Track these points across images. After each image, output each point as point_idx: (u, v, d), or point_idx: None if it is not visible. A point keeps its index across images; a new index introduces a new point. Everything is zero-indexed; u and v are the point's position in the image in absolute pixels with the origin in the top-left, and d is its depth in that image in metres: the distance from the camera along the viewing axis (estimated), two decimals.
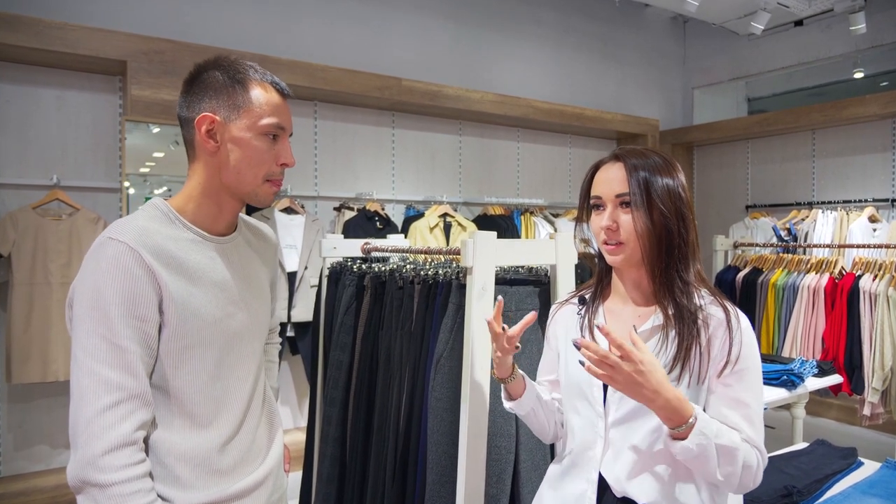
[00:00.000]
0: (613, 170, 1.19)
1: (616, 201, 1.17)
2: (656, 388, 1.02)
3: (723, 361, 1.12)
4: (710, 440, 1.04)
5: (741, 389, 1.12)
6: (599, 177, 1.21)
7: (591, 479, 1.20)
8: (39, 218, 3.03)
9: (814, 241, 4.48)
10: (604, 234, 1.18)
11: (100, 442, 0.98)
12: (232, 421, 1.18)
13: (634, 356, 1.01)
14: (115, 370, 1.01)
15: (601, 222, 1.18)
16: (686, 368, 1.12)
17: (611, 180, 1.18)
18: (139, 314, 1.04)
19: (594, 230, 1.21)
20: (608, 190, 1.18)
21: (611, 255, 1.18)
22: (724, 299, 1.18)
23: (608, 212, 1.17)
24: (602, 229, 1.18)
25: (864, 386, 3.27)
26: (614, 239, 1.17)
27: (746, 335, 1.14)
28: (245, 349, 1.22)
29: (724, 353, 1.12)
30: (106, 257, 1.04)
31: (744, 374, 1.12)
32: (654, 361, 1.03)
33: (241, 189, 1.17)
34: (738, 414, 1.11)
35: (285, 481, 1.37)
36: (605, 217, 1.18)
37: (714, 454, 1.05)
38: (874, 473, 2.16)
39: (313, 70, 3.67)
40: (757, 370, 1.14)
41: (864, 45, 4.99)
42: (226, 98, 1.14)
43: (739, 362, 1.12)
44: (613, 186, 1.17)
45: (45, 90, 3.23)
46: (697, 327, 1.13)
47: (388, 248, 2.31)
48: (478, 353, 1.64)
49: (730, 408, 1.12)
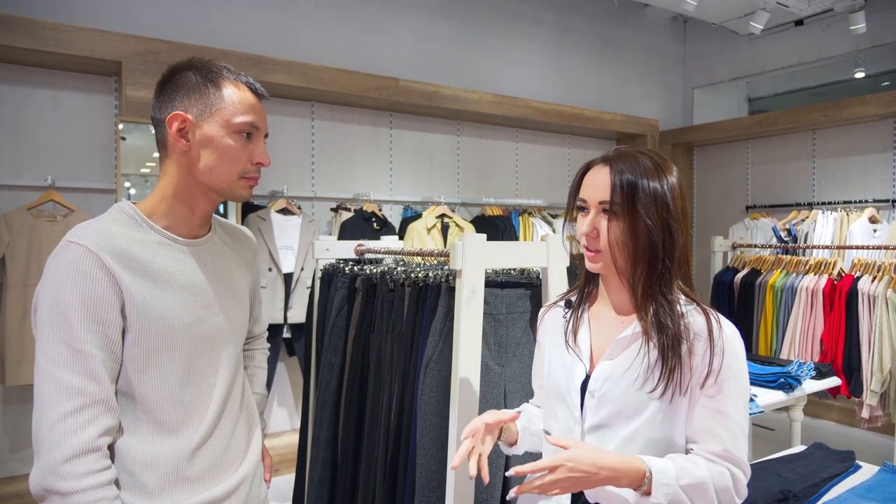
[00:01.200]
0: (601, 174, 1.14)
1: (599, 207, 1.13)
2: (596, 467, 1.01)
3: (704, 372, 1.09)
4: (674, 485, 1.03)
5: (723, 400, 1.09)
6: (587, 179, 1.17)
7: None
8: (34, 219, 3.02)
9: (814, 242, 4.46)
10: (584, 239, 1.16)
11: (61, 449, 0.96)
12: (202, 427, 1.15)
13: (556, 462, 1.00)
14: (77, 375, 1.00)
15: (582, 227, 1.16)
16: (670, 381, 1.09)
17: (597, 185, 1.14)
18: (100, 318, 1.03)
19: (578, 233, 1.18)
20: (593, 195, 1.14)
21: (590, 261, 1.16)
22: (707, 307, 1.15)
23: (590, 217, 1.14)
24: (582, 234, 1.15)
25: (862, 388, 3.24)
26: (594, 246, 1.14)
27: (730, 344, 1.11)
28: (218, 354, 1.20)
29: (706, 365, 1.09)
30: (66, 261, 1.03)
31: (725, 385, 1.09)
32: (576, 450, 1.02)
33: (215, 186, 1.15)
34: (719, 426, 1.09)
35: (264, 490, 1.34)
36: (586, 222, 1.15)
37: (684, 497, 1.04)
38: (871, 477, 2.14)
39: (310, 70, 3.66)
40: (741, 381, 1.11)
41: (865, 45, 4.96)
42: (198, 97, 1.13)
43: (722, 374, 1.09)
44: (598, 192, 1.13)
45: (40, 91, 3.22)
46: (678, 339, 1.10)
47: (381, 249, 2.30)
48: (467, 356, 1.63)
49: (711, 419, 1.09)
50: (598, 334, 1.22)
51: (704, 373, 1.09)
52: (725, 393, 1.09)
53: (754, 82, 6.03)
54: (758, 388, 2.52)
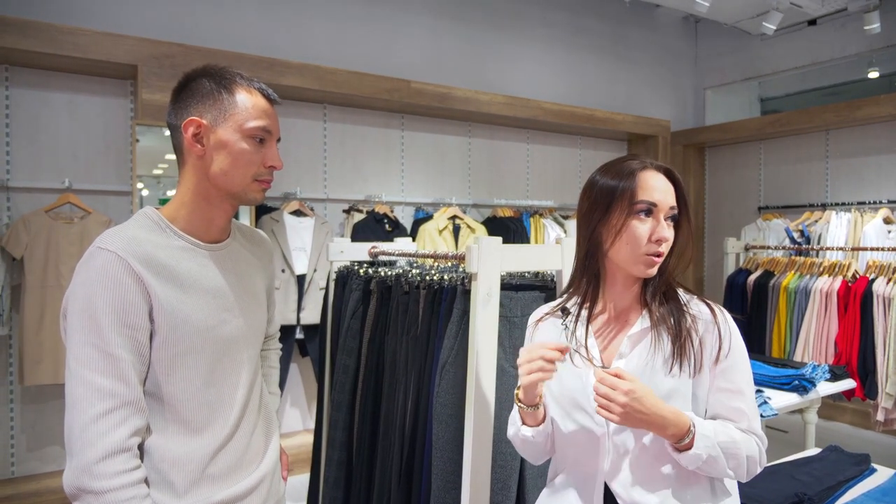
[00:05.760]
0: (661, 180, 1.19)
1: (669, 213, 1.18)
2: (651, 410, 1.07)
3: (716, 351, 1.17)
4: (713, 440, 1.09)
5: (738, 380, 1.17)
6: (651, 183, 1.16)
7: (598, 492, 1.19)
8: (52, 221, 3.06)
9: (827, 243, 4.42)
10: (653, 245, 1.15)
11: (94, 449, 0.99)
12: (226, 427, 1.18)
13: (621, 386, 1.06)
14: (108, 378, 1.03)
15: (661, 232, 1.15)
16: (684, 360, 1.15)
17: (665, 191, 1.17)
18: (130, 322, 1.05)
19: (636, 235, 1.15)
20: (664, 199, 1.17)
21: (653, 267, 1.18)
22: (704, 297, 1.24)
23: (662, 223, 1.16)
24: (659, 240, 1.15)
25: (877, 391, 3.22)
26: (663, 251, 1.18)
27: (733, 328, 1.20)
28: (240, 355, 1.23)
29: (716, 347, 1.17)
30: (95, 267, 1.06)
31: (737, 365, 1.18)
32: (640, 388, 1.07)
33: (230, 189, 1.18)
34: (742, 403, 1.17)
35: (282, 487, 1.37)
36: (661, 227, 1.16)
37: (720, 453, 1.10)
38: (887, 481, 2.13)
39: (322, 73, 3.68)
40: (746, 360, 1.20)
41: (879, 45, 4.92)
42: (212, 103, 1.16)
43: (732, 354, 1.17)
44: (668, 198, 1.17)
45: (57, 94, 3.26)
46: (688, 322, 1.18)
47: (395, 251, 2.31)
48: (483, 359, 1.64)
49: (731, 398, 1.17)
50: (603, 335, 1.24)
51: (716, 351, 1.17)
52: (740, 372, 1.18)
53: (767, 82, 6.00)
54: (772, 390, 2.50)
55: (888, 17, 4.73)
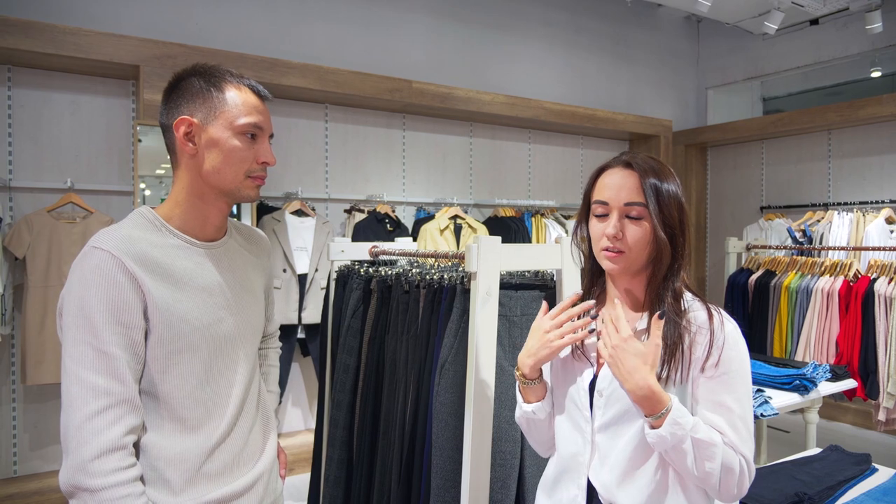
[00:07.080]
0: (622, 176, 1.16)
1: (623, 210, 1.15)
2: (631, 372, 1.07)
3: (702, 364, 1.12)
4: (686, 432, 1.05)
5: (724, 393, 1.11)
6: (606, 181, 1.18)
7: (581, 486, 1.21)
8: (54, 221, 3.07)
9: (829, 243, 4.42)
10: (606, 240, 1.16)
11: (89, 447, 1.00)
12: (222, 424, 1.18)
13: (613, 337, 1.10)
14: (103, 376, 1.03)
15: (606, 229, 1.16)
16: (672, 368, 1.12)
17: (619, 187, 1.16)
18: (124, 321, 1.06)
19: (594, 235, 1.19)
20: (615, 196, 1.16)
21: (610, 261, 1.17)
22: (710, 303, 1.18)
23: (613, 219, 1.15)
24: (605, 236, 1.16)
25: (878, 391, 3.22)
26: (617, 247, 1.15)
27: (731, 339, 1.13)
28: (236, 353, 1.23)
29: (705, 355, 1.12)
30: (90, 266, 1.06)
31: (727, 379, 1.11)
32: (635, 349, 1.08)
33: (223, 187, 1.18)
34: (721, 418, 1.10)
35: (280, 486, 1.37)
36: (610, 224, 1.15)
37: (690, 447, 1.05)
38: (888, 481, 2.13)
39: (324, 73, 3.69)
40: (743, 376, 1.13)
41: (882, 44, 4.91)
42: (202, 101, 1.16)
43: (722, 366, 1.11)
44: (622, 194, 1.15)
45: (60, 95, 3.28)
46: (681, 330, 1.13)
47: (395, 251, 2.31)
48: (482, 358, 1.64)
49: (713, 412, 1.11)
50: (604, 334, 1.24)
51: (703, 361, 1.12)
52: (726, 386, 1.11)
53: (769, 82, 5.99)
54: (773, 389, 2.51)
55: (890, 16, 4.72)
